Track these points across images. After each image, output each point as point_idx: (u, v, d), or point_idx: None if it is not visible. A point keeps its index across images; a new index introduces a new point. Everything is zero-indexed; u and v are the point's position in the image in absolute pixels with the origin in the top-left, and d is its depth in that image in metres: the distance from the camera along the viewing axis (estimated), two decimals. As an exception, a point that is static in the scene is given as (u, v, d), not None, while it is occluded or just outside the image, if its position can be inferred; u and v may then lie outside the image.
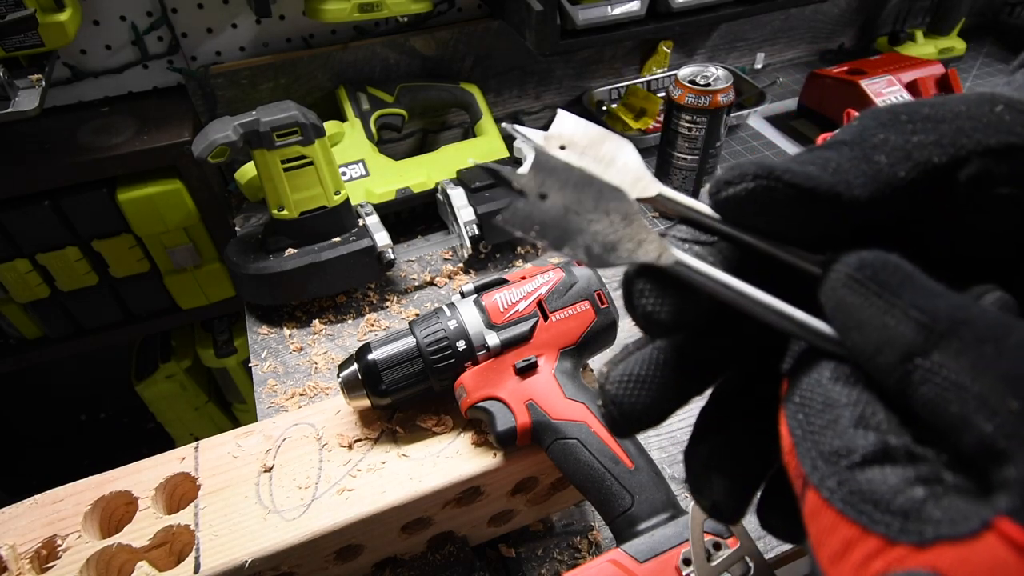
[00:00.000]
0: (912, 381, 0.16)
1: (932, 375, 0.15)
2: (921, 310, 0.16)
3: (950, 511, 0.14)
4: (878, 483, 0.15)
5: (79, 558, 0.41)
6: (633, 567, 0.37)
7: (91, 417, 1.55)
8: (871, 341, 0.17)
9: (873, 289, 0.17)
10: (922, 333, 0.16)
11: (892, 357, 0.16)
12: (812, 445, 0.17)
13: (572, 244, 0.18)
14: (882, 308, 0.17)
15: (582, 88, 1.08)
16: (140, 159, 0.80)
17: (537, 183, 0.18)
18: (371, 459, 0.47)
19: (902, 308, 0.16)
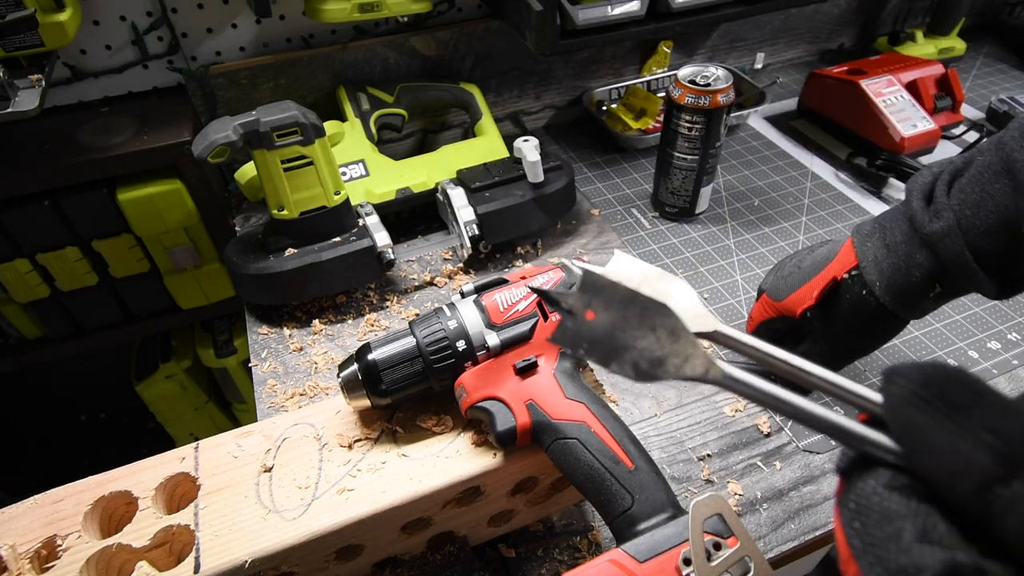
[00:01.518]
0: (994, 511, 0.15)
1: (1015, 505, 0.15)
2: (995, 434, 0.15)
3: None
4: None
5: (79, 558, 0.41)
6: (633, 567, 0.37)
7: (91, 417, 1.55)
8: (945, 468, 0.16)
9: (941, 409, 0.16)
10: (999, 461, 0.15)
11: (970, 487, 0.15)
12: (876, 560, 0.16)
13: (620, 360, 0.19)
14: (953, 431, 0.16)
15: (582, 88, 1.08)
16: (140, 159, 0.80)
17: (584, 302, 0.19)
18: (371, 459, 0.47)
19: (975, 433, 0.15)
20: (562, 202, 0.82)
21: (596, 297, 0.19)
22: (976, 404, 0.16)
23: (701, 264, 0.82)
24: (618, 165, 1.00)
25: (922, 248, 0.43)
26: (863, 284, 0.49)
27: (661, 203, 0.88)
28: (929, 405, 0.17)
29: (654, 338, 0.19)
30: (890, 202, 0.91)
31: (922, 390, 0.17)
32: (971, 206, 0.38)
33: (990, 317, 0.73)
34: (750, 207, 0.90)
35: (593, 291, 0.19)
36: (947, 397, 0.16)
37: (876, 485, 0.17)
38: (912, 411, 0.17)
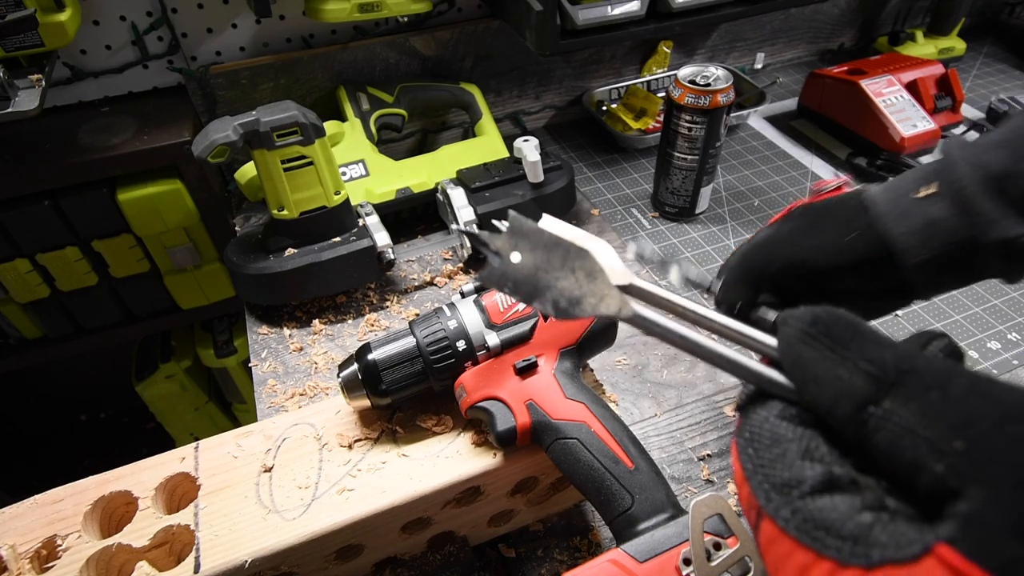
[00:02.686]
0: (868, 429, 0.17)
1: (885, 422, 0.17)
2: (871, 361, 0.17)
3: (895, 536, 0.15)
4: (828, 511, 0.16)
5: (79, 558, 0.41)
6: (633, 567, 0.37)
7: (91, 417, 1.55)
8: (828, 393, 0.18)
9: (826, 343, 0.19)
10: (873, 384, 0.17)
11: (848, 408, 0.17)
12: (764, 478, 0.18)
13: (541, 299, 0.20)
14: (836, 361, 0.18)
15: (582, 88, 1.08)
16: (140, 159, 0.80)
17: (511, 244, 0.21)
18: (371, 459, 0.47)
19: (853, 361, 0.18)
20: (562, 202, 0.82)
21: (522, 240, 0.20)
22: (856, 338, 0.18)
23: (701, 264, 0.82)
24: (618, 165, 1.00)
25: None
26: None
27: (661, 203, 0.88)
28: (815, 341, 0.19)
29: (573, 279, 0.20)
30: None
31: (810, 328, 0.19)
32: None
33: (990, 317, 0.73)
34: (750, 207, 0.90)
35: (520, 234, 0.20)
36: (831, 333, 0.19)
37: (768, 415, 0.20)
38: (801, 347, 0.19)
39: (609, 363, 0.69)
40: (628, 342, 0.71)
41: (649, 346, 0.71)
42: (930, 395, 0.16)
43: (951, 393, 0.16)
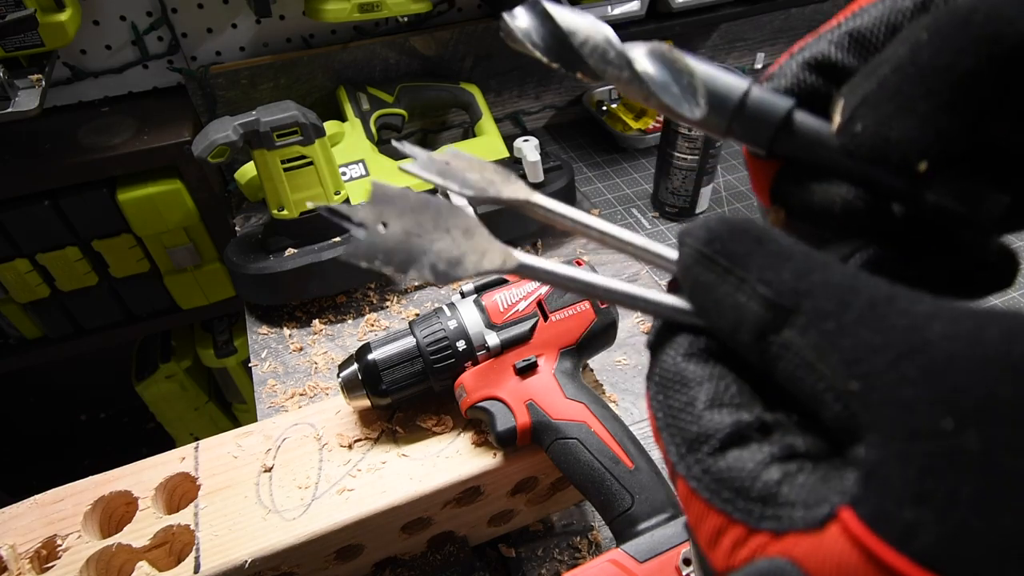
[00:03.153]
0: (769, 357, 0.16)
1: (784, 351, 0.15)
2: (768, 284, 0.16)
3: (804, 493, 0.14)
4: (736, 469, 0.15)
5: (79, 558, 0.41)
6: (633, 567, 0.37)
7: (91, 417, 1.55)
8: (727, 321, 0.17)
9: (723, 264, 0.17)
10: (770, 310, 0.15)
11: (747, 337, 0.16)
12: (675, 432, 0.17)
13: (417, 266, 0.19)
14: (734, 285, 0.16)
15: (582, 88, 1.08)
16: (140, 159, 0.80)
17: (376, 213, 0.19)
18: (371, 459, 0.47)
19: (751, 283, 0.16)
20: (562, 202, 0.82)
21: (388, 207, 0.19)
22: (756, 253, 0.16)
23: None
24: (618, 165, 1.00)
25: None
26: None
27: (661, 203, 0.88)
28: (712, 262, 0.17)
29: (450, 239, 0.19)
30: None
31: (706, 248, 0.17)
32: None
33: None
34: (750, 207, 0.90)
35: (384, 201, 0.19)
36: (728, 251, 0.17)
37: (675, 354, 0.18)
38: (699, 270, 0.17)
39: (609, 363, 0.69)
40: (628, 342, 0.71)
41: (649, 346, 0.71)
42: (826, 323, 0.14)
43: (845, 321, 0.14)
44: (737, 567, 0.15)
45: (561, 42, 0.20)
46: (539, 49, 0.21)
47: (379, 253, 0.19)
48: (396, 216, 0.19)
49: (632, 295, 0.19)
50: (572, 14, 0.21)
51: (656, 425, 0.17)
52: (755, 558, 0.15)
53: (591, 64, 0.20)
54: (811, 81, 0.19)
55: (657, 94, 0.19)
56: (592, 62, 0.20)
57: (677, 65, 0.19)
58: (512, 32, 0.21)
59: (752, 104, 0.19)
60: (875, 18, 0.19)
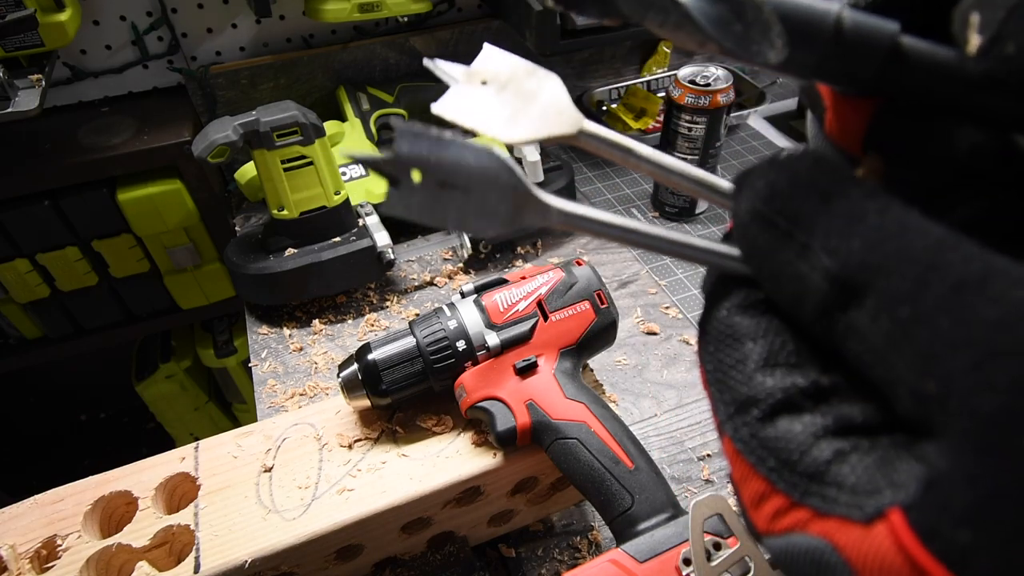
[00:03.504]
0: (836, 335, 0.14)
1: (852, 333, 0.13)
2: (834, 254, 0.14)
3: (854, 476, 0.13)
4: (785, 440, 0.14)
5: (79, 558, 0.41)
6: (633, 567, 0.37)
7: (91, 417, 1.55)
8: (787, 293, 0.15)
9: (784, 227, 0.15)
10: (835, 288, 0.13)
11: (810, 313, 0.14)
12: (724, 389, 0.15)
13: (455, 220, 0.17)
14: (796, 251, 0.14)
15: (582, 88, 1.08)
16: (140, 159, 0.80)
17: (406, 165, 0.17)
18: (371, 459, 0.47)
19: (815, 251, 0.14)
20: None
21: (417, 153, 0.17)
22: (821, 213, 0.14)
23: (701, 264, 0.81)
24: (618, 165, 0.99)
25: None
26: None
27: (661, 203, 0.88)
28: (772, 225, 0.15)
29: (484, 188, 0.17)
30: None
31: (765, 205, 0.15)
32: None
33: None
34: (750, 207, 0.90)
35: (413, 149, 0.17)
36: (791, 211, 0.15)
37: (730, 305, 0.16)
38: (756, 231, 0.15)
39: (609, 363, 0.69)
40: (628, 342, 0.71)
41: (649, 346, 0.71)
42: (900, 309, 0.12)
43: (923, 306, 0.12)
44: (776, 534, 0.14)
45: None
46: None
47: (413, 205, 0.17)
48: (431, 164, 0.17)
49: (686, 243, 0.17)
50: None
51: (705, 378, 0.16)
52: (794, 531, 0.14)
53: (623, 8, 0.16)
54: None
55: (716, 38, 0.16)
56: (627, 6, 0.16)
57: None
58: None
59: (849, 33, 0.15)
60: None
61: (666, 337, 0.72)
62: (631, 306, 0.75)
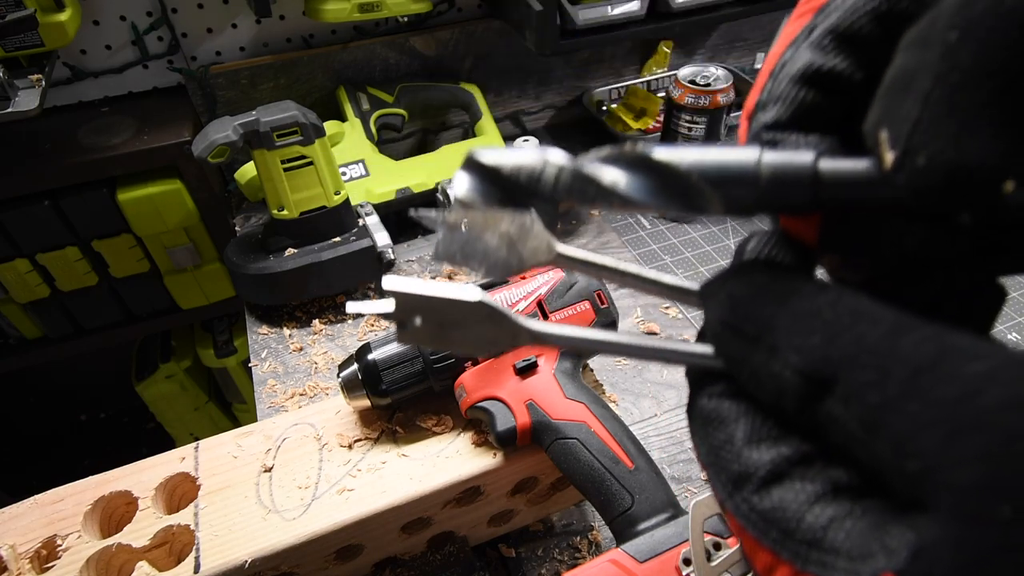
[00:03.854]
0: (818, 424, 0.15)
1: (831, 423, 0.14)
2: (798, 351, 0.15)
3: (849, 541, 0.14)
4: (781, 510, 0.15)
5: (79, 558, 0.41)
6: (633, 567, 0.37)
7: (91, 417, 1.55)
8: (766, 391, 0.16)
9: (752, 332, 0.16)
10: (807, 384, 0.15)
11: (791, 406, 0.15)
12: (719, 469, 0.16)
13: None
14: (766, 353, 0.16)
15: (582, 88, 1.08)
16: (140, 159, 0.80)
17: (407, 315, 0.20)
18: (371, 459, 0.47)
19: (783, 354, 0.15)
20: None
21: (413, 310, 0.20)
22: (781, 315, 0.16)
23: (701, 264, 0.82)
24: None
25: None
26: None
27: (661, 203, 0.88)
28: (740, 332, 0.16)
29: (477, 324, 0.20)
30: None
31: (730, 316, 0.17)
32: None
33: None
34: (750, 207, 0.90)
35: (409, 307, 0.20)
36: (753, 316, 0.16)
37: (711, 393, 0.17)
38: (727, 339, 0.17)
39: (609, 363, 0.69)
40: (628, 342, 0.71)
41: (649, 346, 0.71)
42: (868, 397, 0.13)
43: (889, 394, 0.13)
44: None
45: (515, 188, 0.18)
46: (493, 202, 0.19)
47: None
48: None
49: (666, 349, 0.19)
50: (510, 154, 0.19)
51: (701, 461, 0.17)
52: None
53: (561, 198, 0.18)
54: (812, 99, 0.17)
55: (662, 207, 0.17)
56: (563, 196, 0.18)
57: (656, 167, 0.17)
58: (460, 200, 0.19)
59: (773, 175, 0.16)
60: (856, 8, 0.17)
61: (666, 337, 0.72)
62: (631, 306, 0.75)
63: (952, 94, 0.14)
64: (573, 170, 0.18)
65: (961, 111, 0.14)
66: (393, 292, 0.19)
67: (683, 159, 0.17)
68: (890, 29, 0.16)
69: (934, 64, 0.14)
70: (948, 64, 0.14)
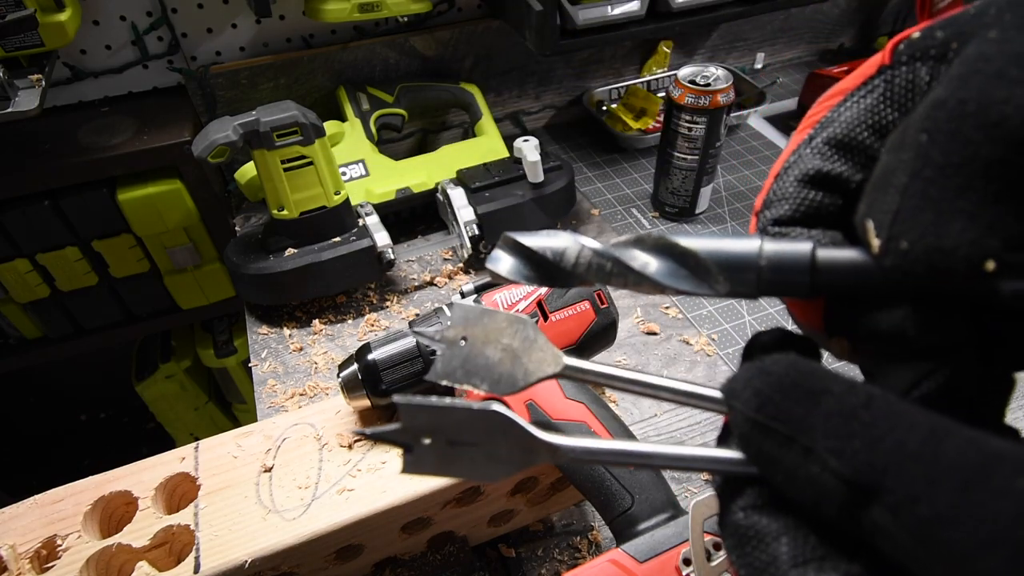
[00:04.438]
0: (863, 532, 0.14)
1: (879, 531, 0.14)
2: (839, 456, 0.14)
3: None
4: None
5: (79, 558, 0.41)
6: (633, 567, 0.37)
7: (91, 417, 1.55)
8: (806, 495, 0.15)
9: (784, 431, 0.16)
10: (849, 490, 0.14)
11: (832, 512, 0.15)
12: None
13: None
14: (801, 455, 0.15)
15: (582, 88, 1.08)
16: (140, 159, 0.80)
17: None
18: (371, 459, 0.47)
19: (822, 457, 0.15)
20: (562, 202, 0.82)
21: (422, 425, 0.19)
22: (815, 415, 0.15)
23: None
24: (618, 165, 1.00)
25: None
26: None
27: (661, 203, 0.88)
28: (771, 431, 0.16)
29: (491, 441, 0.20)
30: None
31: (758, 414, 0.16)
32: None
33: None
34: (750, 207, 0.90)
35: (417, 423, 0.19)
36: (785, 415, 0.16)
37: (744, 505, 0.17)
38: (758, 439, 0.16)
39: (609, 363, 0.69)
40: (628, 342, 0.71)
41: (649, 346, 0.71)
42: (918, 508, 0.13)
43: (940, 506, 0.13)
44: None
45: (550, 267, 0.20)
46: (532, 281, 0.20)
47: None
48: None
49: (691, 456, 0.18)
50: (547, 237, 0.20)
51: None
52: None
53: (589, 278, 0.20)
54: (813, 198, 0.19)
55: (671, 285, 0.19)
56: (591, 276, 0.20)
57: (676, 250, 0.19)
58: (499, 276, 0.21)
59: (772, 261, 0.18)
60: (850, 121, 0.19)
61: (666, 337, 0.72)
62: (631, 306, 0.75)
63: (926, 187, 0.15)
64: (605, 254, 0.19)
65: (936, 201, 0.15)
66: (400, 404, 0.19)
67: (701, 247, 0.18)
68: (883, 137, 0.18)
69: (909, 162, 0.16)
70: (921, 162, 0.15)
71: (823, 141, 0.19)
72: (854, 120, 0.18)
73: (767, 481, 0.17)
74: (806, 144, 0.19)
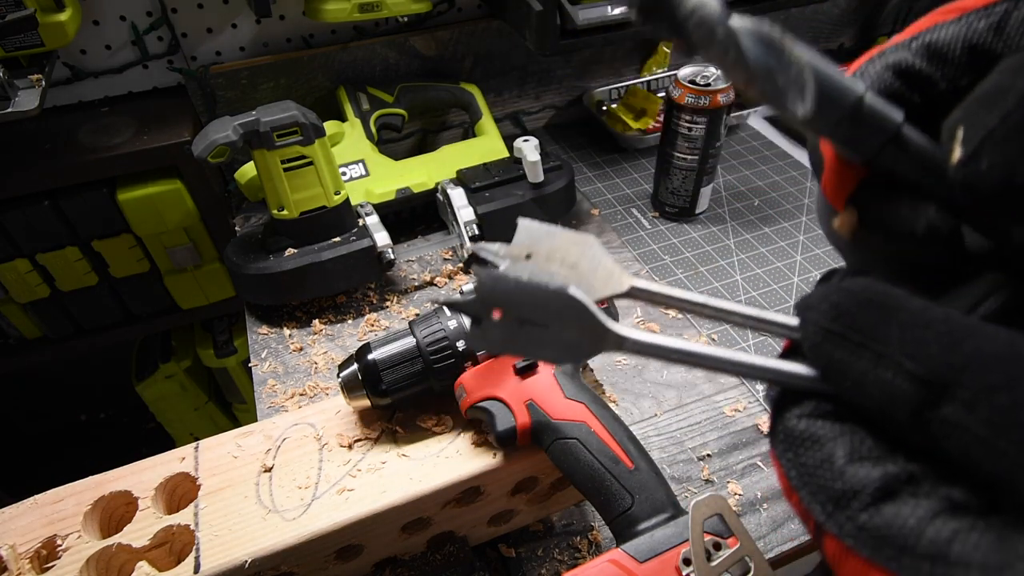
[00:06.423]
0: (933, 435, 0.15)
1: (951, 429, 0.14)
2: (914, 358, 0.15)
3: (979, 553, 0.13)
4: (897, 525, 0.14)
5: (79, 558, 0.41)
6: (633, 567, 0.37)
7: (91, 417, 1.55)
8: (875, 400, 0.16)
9: (857, 340, 0.16)
10: (923, 388, 0.14)
11: (903, 415, 0.15)
12: (816, 489, 0.16)
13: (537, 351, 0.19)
14: (873, 361, 0.15)
15: (582, 88, 1.08)
16: (140, 159, 0.80)
17: (488, 303, 0.19)
18: (371, 459, 0.47)
19: (896, 360, 0.15)
20: (562, 202, 0.82)
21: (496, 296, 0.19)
22: (892, 326, 0.16)
23: (701, 264, 0.82)
24: (618, 165, 1.00)
25: None
26: None
27: (661, 203, 0.88)
28: (844, 339, 0.16)
29: (561, 324, 0.19)
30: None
31: (834, 324, 0.17)
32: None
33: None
34: (750, 207, 0.90)
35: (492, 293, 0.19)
36: (860, 326, 0.16)
37: (800, 413, 0.17)
38: (830, 348, 0.17)
39: (609, 363, 0.69)
40: (628, 342, 0.71)
41: (649, 346, 0.71)
42: (998, 398, 0.13)
43: (1019, 395, 0.13)
44: None
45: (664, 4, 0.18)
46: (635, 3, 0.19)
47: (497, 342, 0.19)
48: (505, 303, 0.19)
49: (753, 364, 0.19)
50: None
51: (790, 484, 0.17)
52: None
53: (693, 38, 0.18)
54: (894, 84, 0.19)
55: (760, 83, 0.18)
56: (696, 36, 0.18)
57: (786, 54, 0.17)
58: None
59: (866, 111, 0.18)
60: (953, 35, 0.19)
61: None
62: (631, 306, 0.75)
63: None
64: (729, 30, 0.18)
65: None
66: (477, 273, 0.19)
67: (809, 59, 0.17)
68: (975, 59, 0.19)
69: (1021, 88, 0.15)
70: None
71: (923, 43, 0.19)
72: (959, 36, 0.19)
73: (827, 395, 0.17)
74: (907, 42, 0.20)
